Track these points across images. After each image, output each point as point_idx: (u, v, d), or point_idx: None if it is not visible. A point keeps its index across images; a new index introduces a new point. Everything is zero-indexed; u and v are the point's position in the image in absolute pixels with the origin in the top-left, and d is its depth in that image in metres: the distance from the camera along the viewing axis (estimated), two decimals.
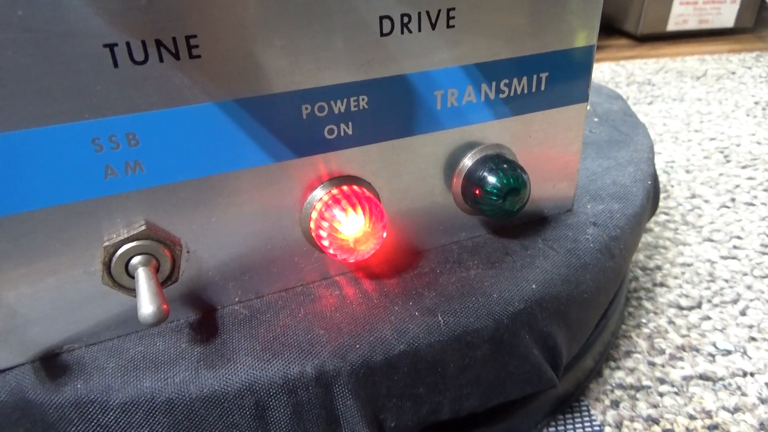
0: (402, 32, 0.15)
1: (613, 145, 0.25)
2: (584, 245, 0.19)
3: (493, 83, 0.17)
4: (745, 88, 0.53)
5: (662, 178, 0.38)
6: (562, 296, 0.17)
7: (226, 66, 0.14)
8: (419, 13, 0.15)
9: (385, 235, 0.16)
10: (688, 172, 0.39)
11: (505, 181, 0.17)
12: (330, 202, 0.16)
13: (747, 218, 0.33)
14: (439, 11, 0.15)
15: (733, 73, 0.58)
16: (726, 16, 0.72)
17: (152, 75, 0.13)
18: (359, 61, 0.15)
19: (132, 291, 0.14)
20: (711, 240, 0.31)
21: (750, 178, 0.37)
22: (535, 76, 0.18)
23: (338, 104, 0.15)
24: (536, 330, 0.17)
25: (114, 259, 0.14)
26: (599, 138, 0.25)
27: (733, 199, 0.35)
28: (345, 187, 0.16)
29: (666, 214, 0.34)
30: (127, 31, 0.12)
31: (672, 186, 0.37)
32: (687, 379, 0.23)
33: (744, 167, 0.39)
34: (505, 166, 0.17)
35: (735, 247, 0.31)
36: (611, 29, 0.76)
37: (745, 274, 0.28)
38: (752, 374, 0.23)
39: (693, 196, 0.36)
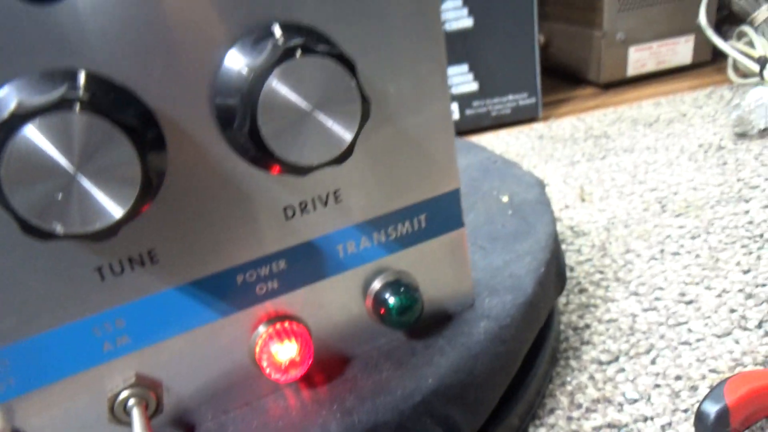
0: (302, 214, 0.21)
1: (518, 237, 0.30)
2: (476, 338, 0.24)
3: (382, 231, 0.23)
4: (692, 131, 0.58)
5: (602, 236, 0.43)
6: (455, 384, 0.23)
7: (179, 262, 0.20)
8: (312, 199, 0.21)
9: (311, 361, 0.22)
10: (626, 226, 0.43)
11: (399, 303, 0.23)
12: (267, 338, 0.22)
13: (671, 268, 0.38)
14: (328, 193, 0.22)
15: (684, 115, 0.62)
16: (682, 54, 0.77)
17: (128, 280, 0.19)
18: (273, 238, 0.21)
19: (129, 425, 0.20)
20: (636, 294, 0.36)
21: (680, 227, 0.42)
22: (415, 219, 0.24)
23: (263, 269, 0.22)
24: (436, 415, 0.22)
25: (115, 404, 0.20)
26: (507, 232, 0.31)
27: (662, 251, 0.40)
28: (278, 325, 0.22)
29: (601, 272, 0.39)
30: (109, 256, 0.19)
31: (610, 243, 0.42)
32: (597, 429, 0.27)
33: (677, 216, 0.44)
34: (401, 289, 0.23)
35: (656, 298, 0.35)
36: (577, 80, 0.82)
37: (661, 324, 0.33)
38: (651, 418, 0.27)
39: (627, 251, 0.40)
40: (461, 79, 0.67)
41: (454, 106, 0.68)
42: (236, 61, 0.18)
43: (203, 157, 0.19)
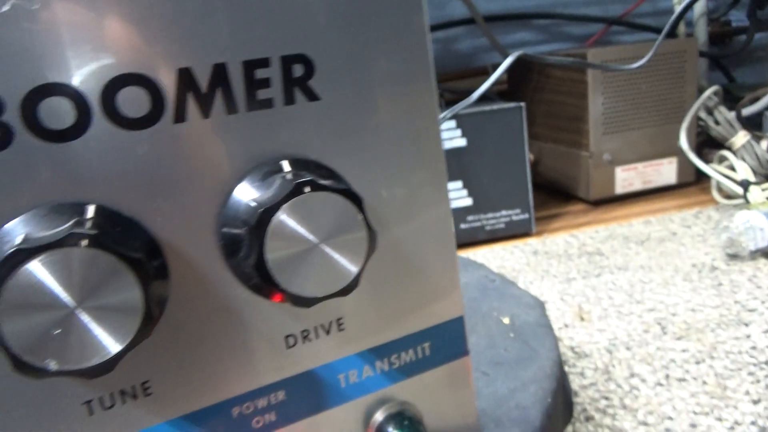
0: (304, 343, 0.21)
1: (521, 363, 0.30)
2: None
3: (385, 359, 0.22)
4: (684, 250, 0.59)
5: (605, 359, 0.42)
6: None
7: (173, 394, 0.19)
8: (315, 327, 0.21)
9: None
10: (628, 348, 0.43)
11: None
12: None
13: (678, 396, 0.36)
14: (330, 322, 0.21)
15: (675, 234, 0.64)
16: (666, 175, 0.80)
17: (118, 414, 0.18)
18: (273, 368, 0.20)
19: None
20: (645, 424, 0.34)
21: (683, 350, 0.41)
22: (419, 347, 0.23)
23: (261, 401, 0.21)
24: None
25: None
26: (510, 357, 0.30)
27: (667, 376, 0.39)
28: None
29: (606, 398, 0.37)
30: (100, 389, 0.18)
31: (613, 366, 0.41)
32: None
33: (679, 338, 0.43)
34: (405, 423, 0.22)
35: (666, 429, 0.34)
36: (568, 195, 0.84)
37: None
38: None
39: (632, 375, 0.39)
40: (456, 194, 0.69)
41: None
42: (245, 194, 0.18)
43: (205, 285, 0.19)
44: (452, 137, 0.68)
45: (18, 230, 0.16)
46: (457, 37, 1.05)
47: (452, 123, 0.68)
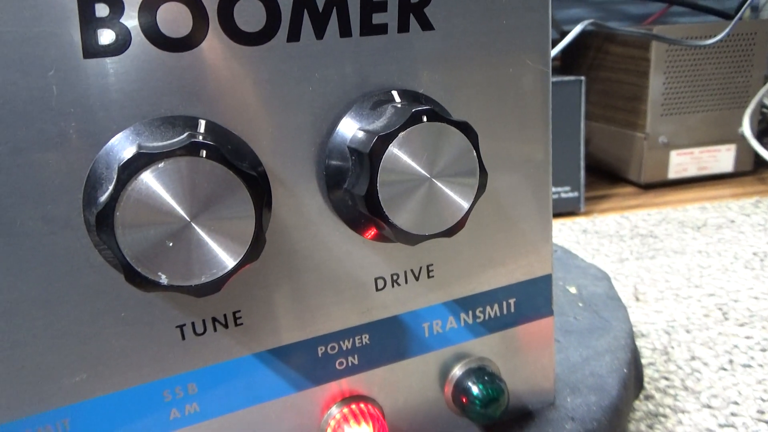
0: (393, 286, 0.20)
1: (594, 333, 0.29)
2: None
3: (470, 312, 0.22)
4: (744, 238, 0.57)
5: (663, 340, 0.40)
6: None
7: (262, 327, 0.19)
8: (405, 272, 0.20)
9: None
10: (688, 331, 0.41)
11: (485, 392, 0.21)
12: (341, 419, 0.20)
13: (744, 381, 0.35)
14: (421, 267, 0.20)
15: (733, 221, 0.61)
16: (724, 162, 0.77)
17: (208, 341, 0.18)
18: (360, 310, 0.20)
19: None
20: (709, 407, 0.33)
21: (747, 337, 0.40)
22: (504, 302, 0.22)
23: (346, 343, 0.20)
24: None
25: None
26: (581, 326, 0.29)
27: (731, 361, 0.37)
28: (353, 406, 0.20)
29: (666, 378, 0.36)
30: (193, 314, 0.17)
31: (672, 347, 0.39)
32: None
33: (742, 325, 0.41)
34: (486, 378, 0.21)
35: (732, 414, 0.32)
36: (617, 178, 0.82)
37: None
38: None
39: (692, 358, 0.38)
40: None
41: None
42: (353, 124, 0.17)
43: (303, 217, 0.18)
44: None
45: (130, 139, 0.15)
46: None
47: None
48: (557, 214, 0.70)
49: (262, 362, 0.19)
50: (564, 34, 0.90)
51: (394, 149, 0.16)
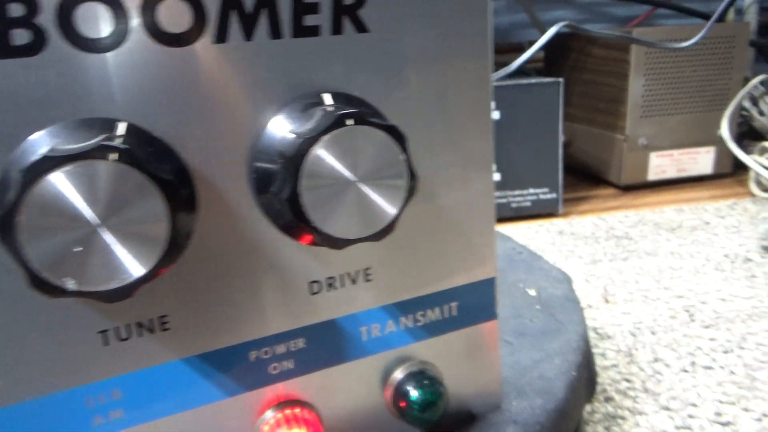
0: (329, 290, 0.20)
1: (547, 336, 0.28)
2: None
3: (410, 315, 0.22)
4: (717, 240, 0.57)
5: (628, 341, 0.40)
6: None
7: (191, 332, 0.18)
8: (341, 275, 0.20)
9: None
10: (653, 333, 0.41)
11: (423, 397, 0.21)
12: (274, 424, 0.20)
13: (704, 383, 0.35)
14: (358, 271, 0.20)
15: (708, 223, 0.62)
16: (703, 164, 0.78)
17: (133, 346, 0.18)
18: (294, 314, 0.20)
19: None
20: (668, 408, 0.33)
21: (711, 339, 0.40)
22: (446, 306, 0.22)
23: (280, 347, 0.20)
24: None
25: None
26: (536, 328, 0.29)
27: (693, 363, 0.37)
28: (288, 411, 0.20)
29: (628, 381, 0.36)
30: (116, 319, 0.17)
31: (637, 349, 0.39)
32: None
33: (707, 327, 0.41)
34: (425, 382, 0.21)
35: (690, 416, 0.32)
36: (598, 180, 0.82)
37: None
38: None
39: (655, 360, 0.38)
40: None
41: None
42: (282, 126, 0.17)
43: (233, 221, 0.18)
44: None
45: (45, 141, 0.15)
46: (494, 10, 1.02)
47: None
48: (535, 216, 0.70)
49: (190, 367, 0.18)
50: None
51: (318, 152, 0.16)
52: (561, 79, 0.65)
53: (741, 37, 0.74)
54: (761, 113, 0.73)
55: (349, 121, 0.16)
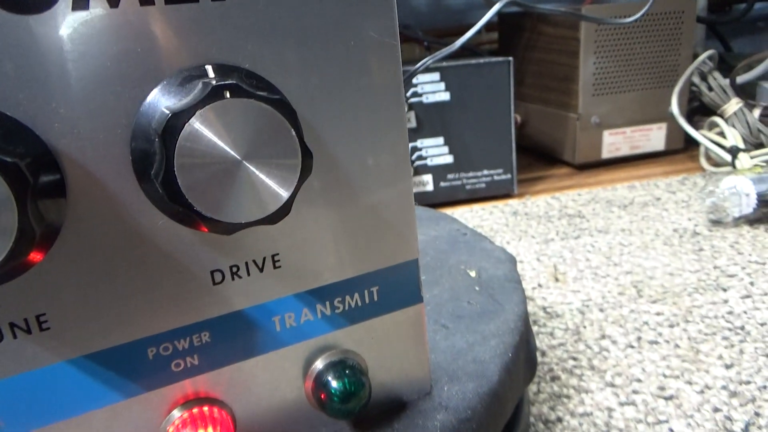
0: (233, 279, 0.19)
1: (484, 317, 0.28)
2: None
3: (327, 302, 0.20)
4: (666, 215, 0.57)
5: (576, 319, 0.40)
6: None
7: (76, 330, 0.17)
8: (246, 263, 0.19)
9: None
10: (601, 310, 0.41)
11: (344, 387, 0.20)
12: (179, 425, 0.18)
13: (649, 358, 0.35)
14: (265, 258, 0.19)
15: (658, 199, 0.62)
16: (655, 141, 0.78)
17: (6, 350, 0.16)
18: (195, 306, 0.18)
19: None
20: (612, 385, 0.33)
21: (658, 314, 0.40)
22: (366, 291, 0.21)
23: (181, 342, 0.18)
24: None
25: None
26: (474, 310, 0.28)
27: (639, 338, 0.37)
28: (195, 410, 0.19)
29: (574, 359, 0.36)
30: None
31: (585, 327, 0.39)
32: None
33: (654, 302, 0.41)
34: (346, 371, 0.20)
35: (634, 391, 0.32)
36: (553, 160, 0.82)
37: (639, 422, 0.30)
38: None
39: (602, 337, 0.38)
40: (437, 151, 0.67)
41: (429, 178, 0.67)
42: (159, 102, 0.16)
43: (115, 209, 0.16)
44: (435, 91, 0.65)
45: None
46: None
47: (436, 76, 0.65)
48: (491, 197, 0.69)
49: (78, 369, 0.17)
50: (502, 16, 0.90)
51: (194, 128, 0.15)
52: (510, 58, 0.65)
53: (688, 12, 0.75)
54: (710, 88, 0.73)
55: (226, 93, 0.14)
